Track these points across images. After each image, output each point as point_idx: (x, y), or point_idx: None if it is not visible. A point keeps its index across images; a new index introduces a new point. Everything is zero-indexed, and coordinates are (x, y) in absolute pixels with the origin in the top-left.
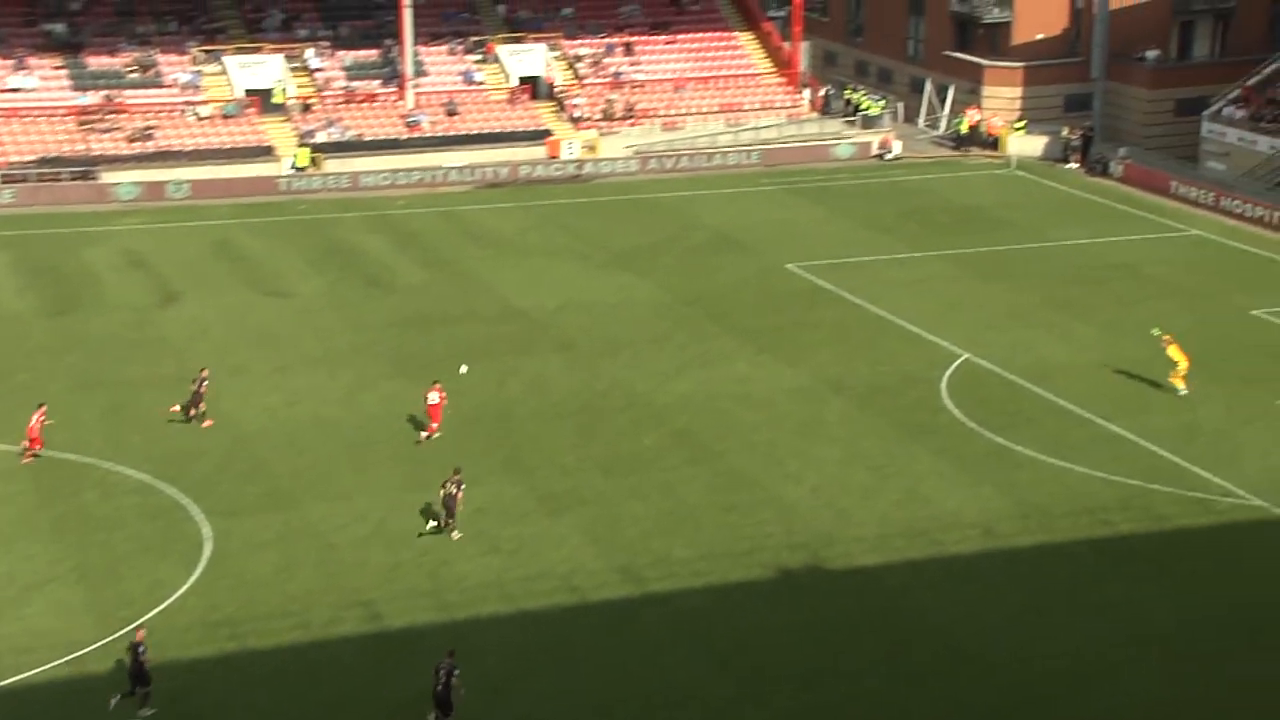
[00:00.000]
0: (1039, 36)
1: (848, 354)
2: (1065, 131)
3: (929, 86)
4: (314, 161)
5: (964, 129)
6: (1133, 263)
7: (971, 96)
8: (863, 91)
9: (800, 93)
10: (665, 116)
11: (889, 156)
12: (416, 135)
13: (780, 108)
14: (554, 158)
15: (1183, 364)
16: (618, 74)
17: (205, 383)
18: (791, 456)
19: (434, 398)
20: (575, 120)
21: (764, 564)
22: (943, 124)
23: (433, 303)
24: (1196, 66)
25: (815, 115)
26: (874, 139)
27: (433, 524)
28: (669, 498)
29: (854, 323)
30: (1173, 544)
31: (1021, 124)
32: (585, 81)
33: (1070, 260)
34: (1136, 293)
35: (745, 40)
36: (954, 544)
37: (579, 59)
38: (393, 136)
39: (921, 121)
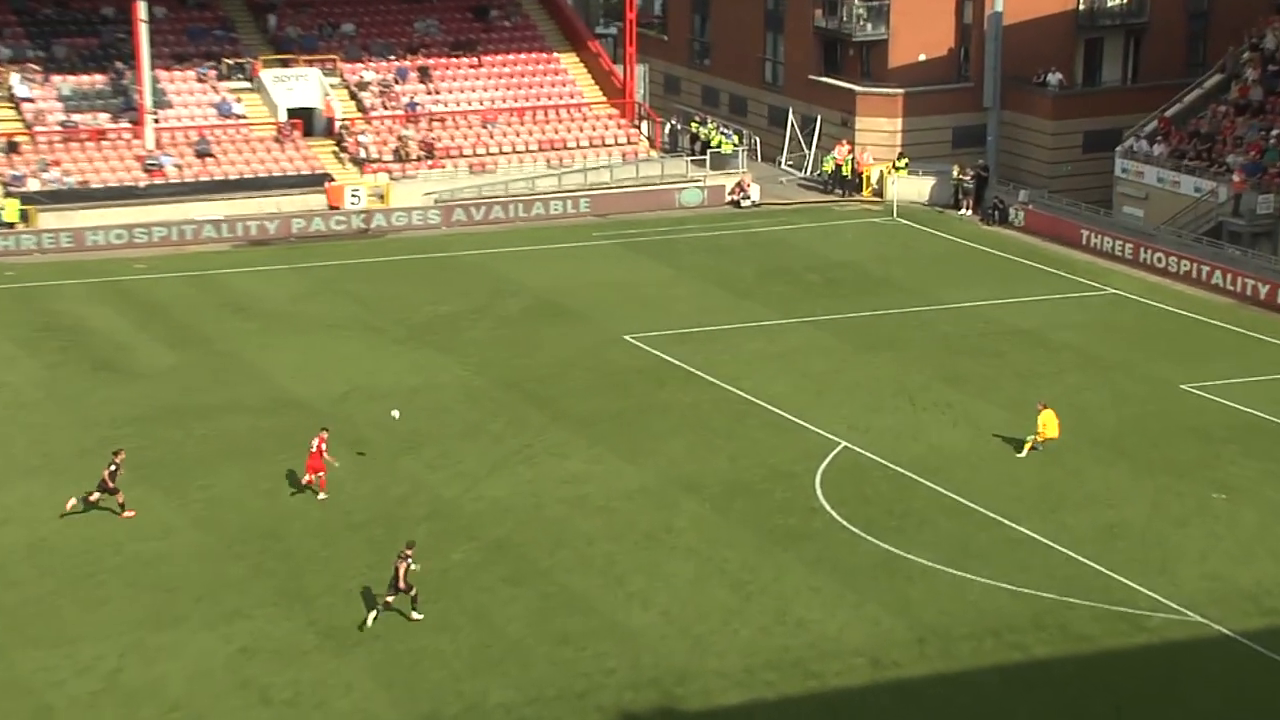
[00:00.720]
0: (921, 58)
1: (702, 445)
2: (955, 171)
3: (792, 118)
4: (25, 216)
5: (828, 168)
6: (1039, 329)
7: (843, 130)
8: (712, 125)
9: (637, 127)
10: (473, 156)
11: (746, 203)
12: (159, 182)
13: (614, 145)
14: (335, 208)
15: (1051, 431)
16: (412, 105)
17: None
18: (636, 573)
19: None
20: (360, 162)
21: (604, 707)
22: (809, 163)
23: (183, 391)
24: (1106, 93)
25: (656, 154)
26: (727, 182)
27: (374, 612)
28: (484, 628)
29: (709, 406)
30: (1096, 669)
31: (903, 163)
32: (372, 114)
33: (965, 326)
34: (1044, 365)
35: (569, 63)
36: (834, 676)
37: (363, 86)
38: (128, 184)
39: (784, 160)
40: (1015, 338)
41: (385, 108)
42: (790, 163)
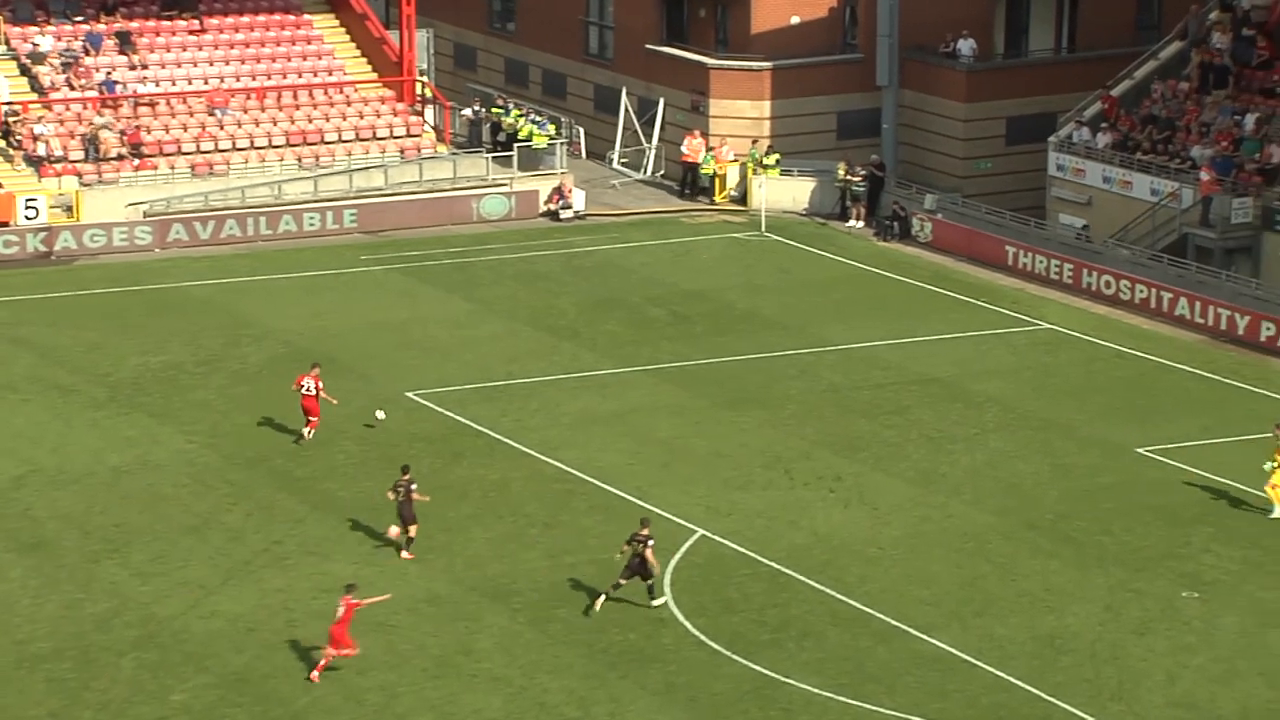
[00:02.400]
0: (794, 20)
1: (512, 538)
2: (841, 171)
3: (626, 102)
4: None
5: (652, 167)
6: (954, 377)
7: (694, 116)
8: (520, 111)
9: (420, 113)
10: (195, 154)
11: (567, 214)
12: None
13: (388, 138)
14: (3, 225)
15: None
16: (109, 84)
17: None
18: (423, 712)
19: (309, 385)
20: (38, 163)
21: None
22: (649, 160)
23: None
24: (1035, 66)
25: (446, 150)
26: (542, 187)
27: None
28: None
29: (520, 485)
30: None
31: (773, 159)
32: (53, 97)
33: (858, 375)
34: (962, 424)
35: (325, 27)
36: None
37: (39, 59)
38: None
39: (616, 157)
40: (924, 389)
41: (72, 88)
42: (625, 160)
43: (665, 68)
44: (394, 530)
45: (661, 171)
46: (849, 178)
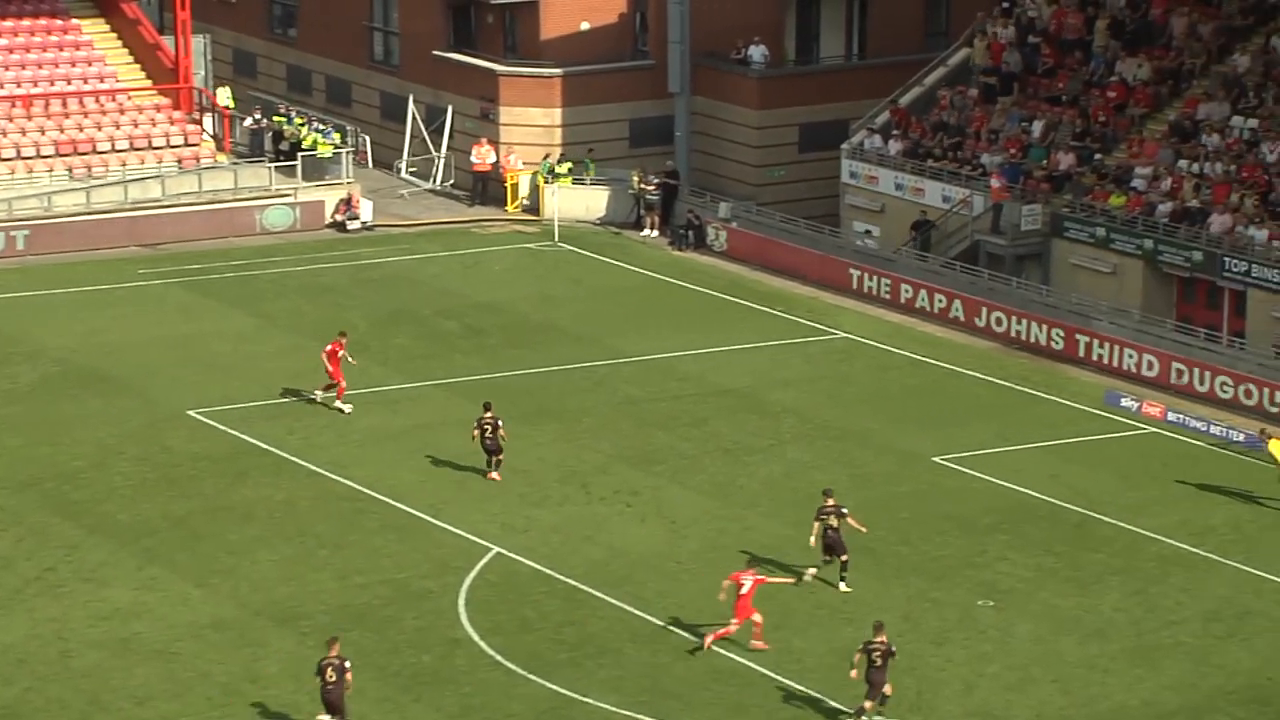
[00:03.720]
0: (583, 27)
1: (300, 559)
2: (635, 180)
3: (413, 109)
4: None
5: (441, 176)
6: (750, 388)
7: (484, 124)
8: (303, 120)
9: (198, 121)
10: None
11: (354, 225)
12: None
13: (165, 147)
14: None
15: None
16: None
17: None
18: None
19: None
20: None
21: None
22: (439, 169)
23: None
24: (827, 73)
25: (227, 159)
26: (328, 197)
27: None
28: None
29: (309, 505)
30: None
31: (565, 168)
32: None
33: (655, 387)
34: (759, 435)
35: (94, 31)
36: None
37: None
38: None
39: (404, 167)
40: (721, 400)
41: None
42: (414, 170)
43: (453, 75)
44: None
45: (451, 181)
46: (643, 186)
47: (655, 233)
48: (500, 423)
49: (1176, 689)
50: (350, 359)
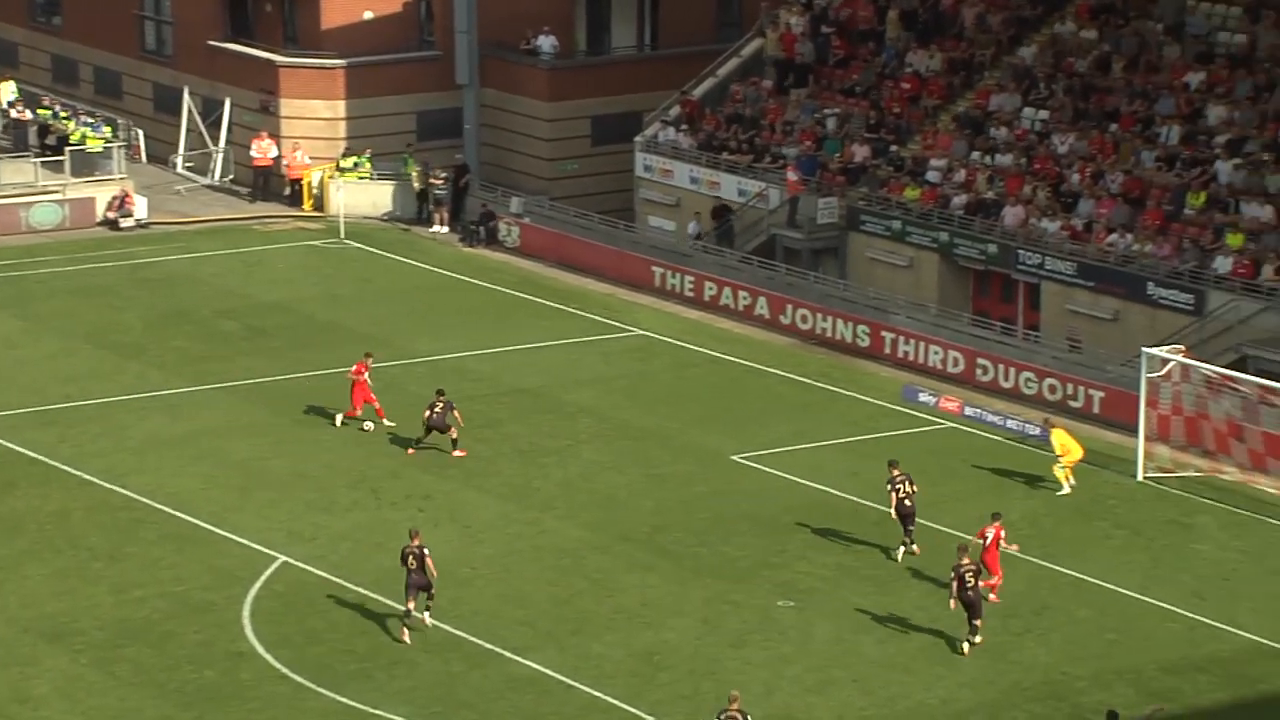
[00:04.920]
0: (366, 16)
1: (73, 572)
2: (412, 169)
3: (189, 102)
4: None
5: (220, 171)
6: (546, 387)
7: (264, 117)
8: (66, 113)
9: None
10: None
11: (128, 223)
12: None
13: None
14: None
15: (1074, 453)
16: None
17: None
18: None
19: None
20: None
21: None
22: (217, 164)
23: None
24: (619, 64)
25: None
26: (100, 194)
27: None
28: None
29: (82, 516)
30: None
31: (350, 162)
32: None
33: (447, 388)
34: (555, 436)
35: None
36: None
37: None
38: None
39: (180, 162)
40: (515, 400)
41: None
42: (190, 165)
43: (230, 66)
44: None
45: (231, 176)
46: (431, 181)
47: (445, 229)
48: (453, 405)
49: (974, 686)
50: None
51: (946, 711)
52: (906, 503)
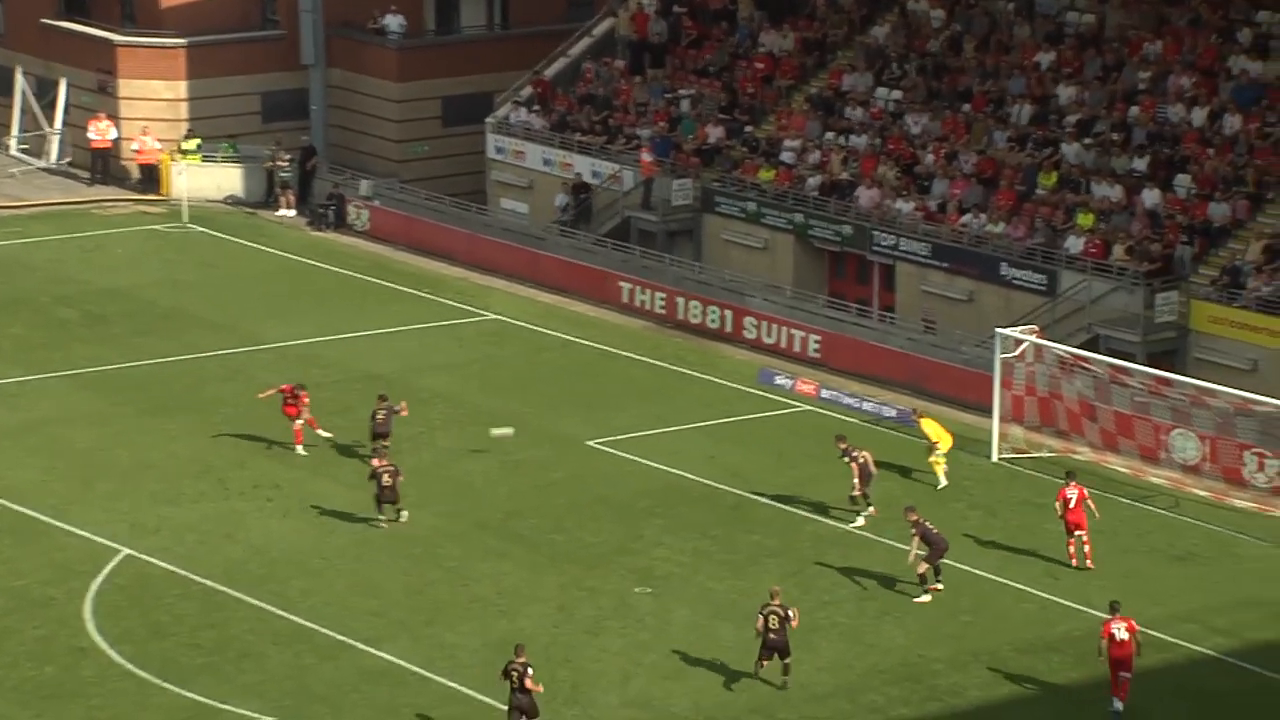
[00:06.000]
0: None
1: None
2: (270, 156)
3: (23, 82)
4: None
5: (56, 154)
6: (399, 373)
7: (103, 98)
8: None
9: None
10: None
11: None
12: None
13: None
14: None
15: (945, 441)
16: None
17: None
18: None
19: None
20: None
21: None
22: (55, 146)
23: None
24: (469, 44)
25: None
26: None
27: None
28: None
29: None
30: None
31: (193, 144)
32: None
33: (296, 375)
34: (409, 422)
35: None
36: None
37: None
38: None
39: (14, 144)
40: (366, 387)
41: None
42: (25, 147)
43: (65, 45)
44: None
45: (68, 159)
46: (277, 163)
47: (292, 212)
48: (400, 407)
49: (832, 670)
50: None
51: (804, 695)
52: (870, 468)
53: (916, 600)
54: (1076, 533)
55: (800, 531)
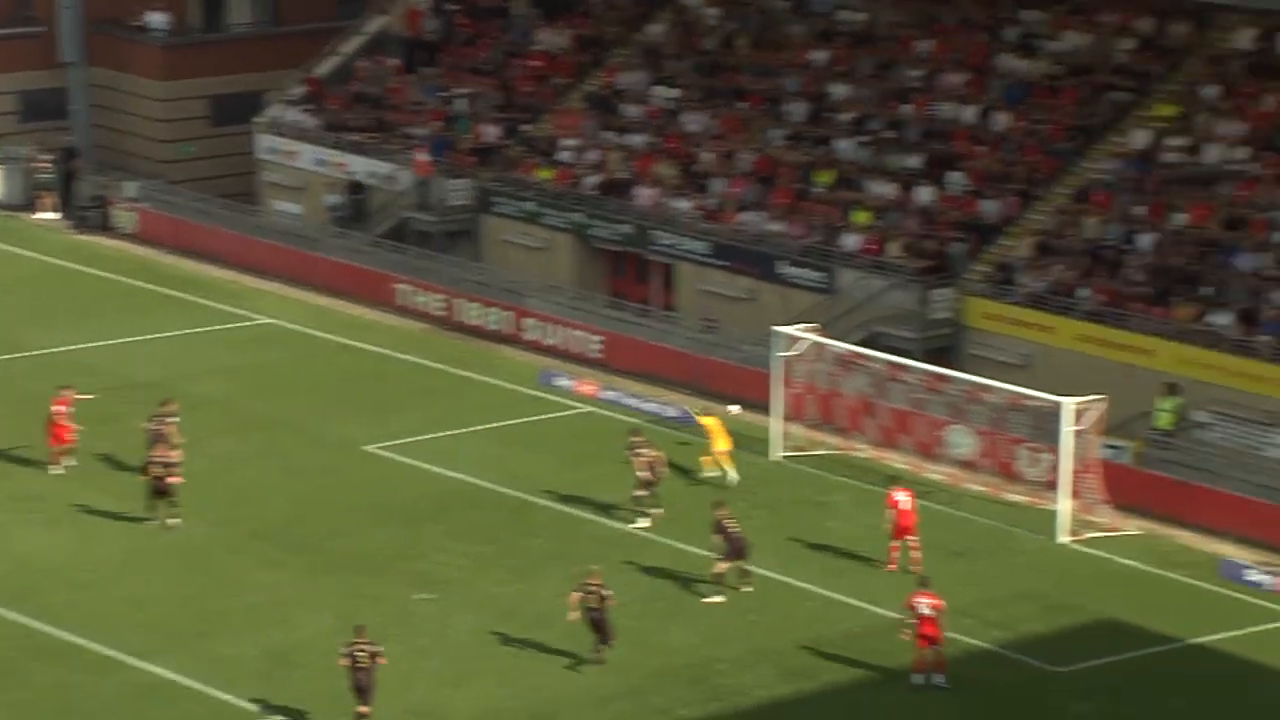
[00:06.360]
0: None
1: None
2: (29, 157)
3: None
4: None
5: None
6: (169, 380)
7: None
8: None
9: None
10: None
11: None
12: None
13: None
14: None
15: (722, 442)
16: None
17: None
18: None
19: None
20: None
21: None
22: None
23: None
24: (237, 41)
25: None
26: None
27: None
28: None
29: None
30: None
31: None
32: None
33: (60, 382)
34: (182, 429)
35: None
36: None
37: None
38: None
39: None
40: (135, 394)
41: None
42: None
43: None
44: None
45: None
46: (39, 165)
47: (54, 214)
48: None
49: (617, 672)
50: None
51: (589, 700)
52: (660, 468)
53: (706, 600)
54: (906, 538)
55: (583, 534)
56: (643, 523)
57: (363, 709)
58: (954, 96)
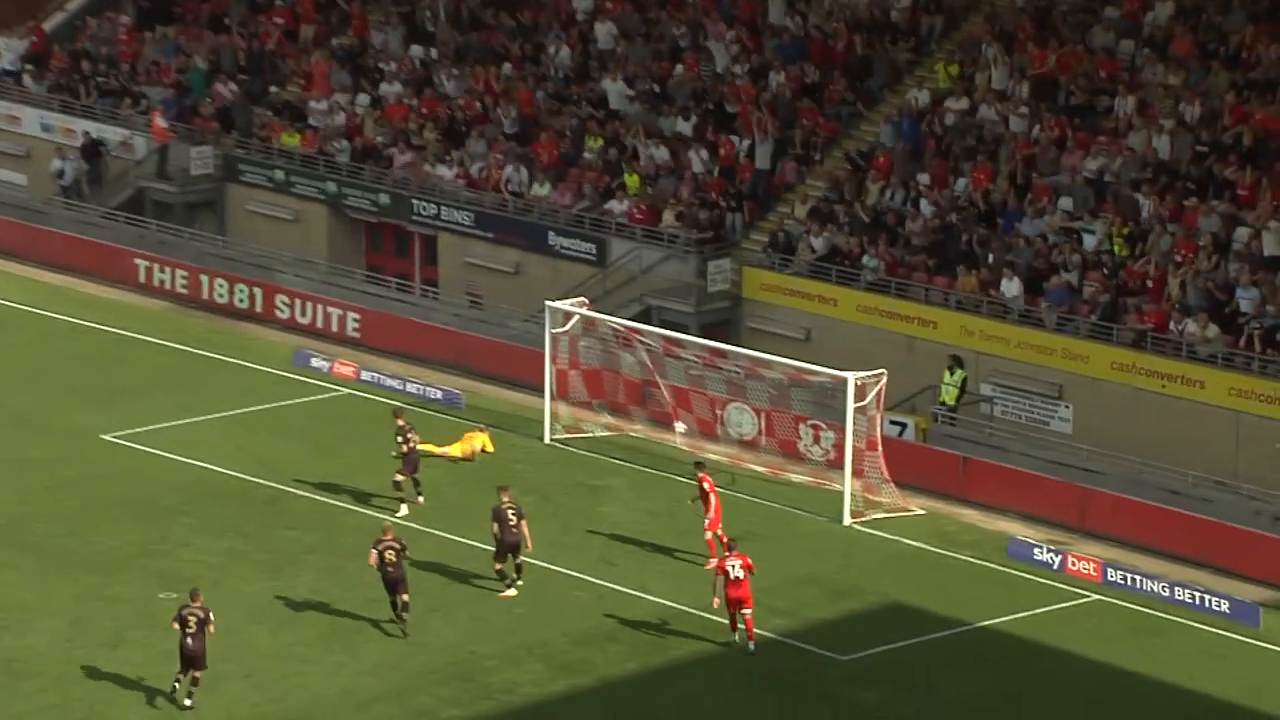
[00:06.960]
0: None
1: None
2: None
3: None
4: None
5: None
6: None
7: None
8: None
9: None
10: None
11: None
12: None
13: None
14: None
15: (456, 450)
16: None
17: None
18: None
19: None
20: None
21: None
22: None
23: None
24: None
25: None
26: None
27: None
28: None
29: None
30: None
31: None
32: None
33: None
34: None
35: None
36: None
37: None
38: None
39: None
40: None
41: None
42: None
43: None
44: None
45: None
46: None
47: None
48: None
49: (378, 673)
50: None
51: (348, 702)
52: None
53: (502, 595)
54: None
55: (341, 524)
56: (403, 511)
57: (183, 675)
58: (727, 55)
